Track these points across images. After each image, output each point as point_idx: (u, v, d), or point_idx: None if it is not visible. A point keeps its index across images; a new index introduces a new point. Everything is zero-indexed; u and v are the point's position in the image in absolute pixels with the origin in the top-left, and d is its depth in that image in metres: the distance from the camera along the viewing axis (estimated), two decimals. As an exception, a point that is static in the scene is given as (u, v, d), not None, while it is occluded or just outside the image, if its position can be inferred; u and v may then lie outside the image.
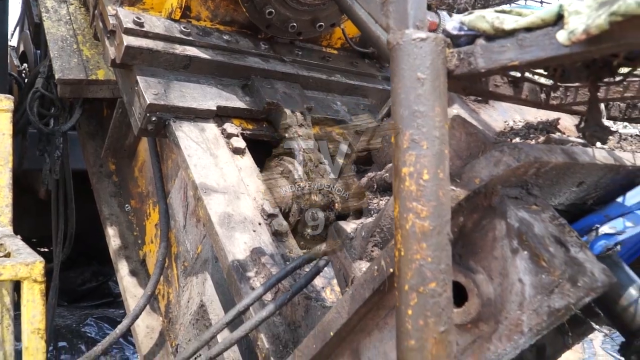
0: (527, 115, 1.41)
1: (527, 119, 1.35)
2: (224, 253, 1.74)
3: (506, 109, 1.39)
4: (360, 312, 1.11)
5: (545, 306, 0.88)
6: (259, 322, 1.45)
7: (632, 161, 1.22)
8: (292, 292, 1.48)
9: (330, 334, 1.15)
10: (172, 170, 2.36)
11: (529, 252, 0.88)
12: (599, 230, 1.16)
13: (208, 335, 1.49)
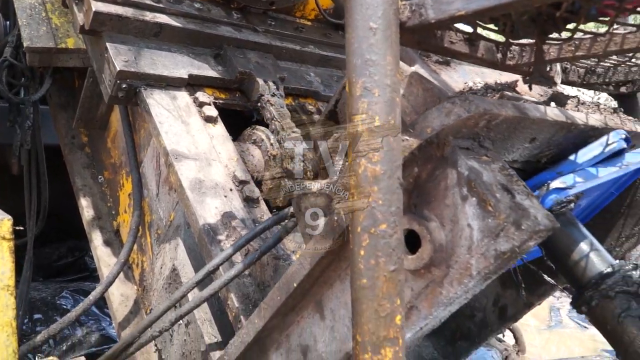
0: (489, 78, 1.46)
1: (487, 82, 1.40)
2: (195, 217, 1.77)
3: (467, 72, 1.43)
4: (322, 264, 1.15)
5: (492, 249, 0.93)
6: (228, 280, 1.49)
7: (585, 121, 1.28)
8: (261, 252, 1.52)
9: (294, 285, 1.19)
10: (144, 139, 2.36)
11: (477, 199, 0.93)
12: (550, 185, 1.21)
13: (178, 294, 1.53)
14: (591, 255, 1.35)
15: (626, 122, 1.50)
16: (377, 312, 0.84)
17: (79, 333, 3.09)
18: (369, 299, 0.85)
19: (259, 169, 2.24)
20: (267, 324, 1.30)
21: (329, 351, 1.23)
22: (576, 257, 1.36)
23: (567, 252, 1.38)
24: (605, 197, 1.58)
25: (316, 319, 1.26)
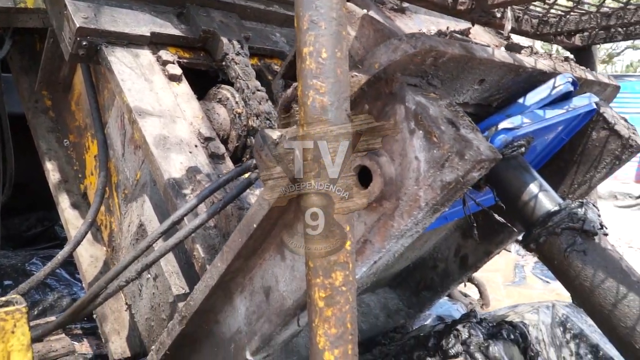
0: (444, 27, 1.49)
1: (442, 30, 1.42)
2: (160, 172, 1.78)
3: (423, 21, 1.46)
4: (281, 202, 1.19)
5: (438, 180, 0.98)
6: (192, 229, 1.52)
7: (533, 65, 1.32)
8: (224, 202, 1.55)
9: (254, 226, 1.23)
10: (108, 100, 2.34)
11: (423, 131, 0.97)
12: (498, 125, 1.26)
13: (144, 244, 1.55)
14: (540, 195, 1.42)
15: (576, 70, 1.56)
16: (327, 238, 0.88)
17: (50, 298, 3.10)
18: (319, 226, 0.89)
19: (224, 127, 2.24)
20: (229, 266, 1.33)
21: (289, 290, 1.28)
22: (526, 197, 1.43)
23: (517, 193, 1.44)
24: (556, 142, 1.64)
25: (277, 260, 1.31)
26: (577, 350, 1.85)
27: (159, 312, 1.84)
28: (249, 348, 1.42)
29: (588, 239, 1.33)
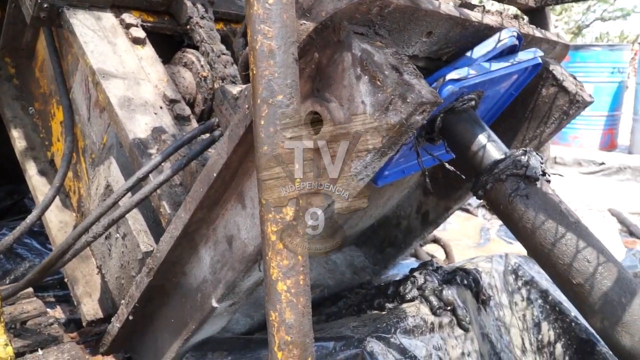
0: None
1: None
2: (125, 132, 1.81)
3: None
4: (239, 153, 1.24)
5: (384, 123, 1.04)
6: (157, 185, 1.56)
7: (480, 19, 1.39)
8: (188, 158, 1.59)
9: (214, 175, 1.28)
10: (72, 65, 2.33)
11: (368, 76, 1.03)
12: (446, 77, 1.32)
13: (110, 200, 1.59)
14: (488, 145, 1.50)
15: (524, 27, 1.63)
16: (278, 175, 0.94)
17: (21, 267, 3.11)
18: (270, 164, 0.94)
19: (190, 90, 2.27)
20: (192, 216, 1.39)
21: (250, 237, 1.34)
22: (475, 148, 1.51)
23: (467, 144, 1.52)
24: (506, 97, 1.72)
25: (238, 209, 1.36)
26: (528, 295, 1.97)
27: (129, 270, 1.89)
28: (214, 296, 1.49)
29: (530, 184, 1.42)
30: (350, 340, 1.44)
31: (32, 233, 3.71)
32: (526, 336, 1.90)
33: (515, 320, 1.91)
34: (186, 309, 1.61)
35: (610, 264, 1.33)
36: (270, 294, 0.99)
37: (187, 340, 1.65)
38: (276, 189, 0.94)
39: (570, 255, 1.34)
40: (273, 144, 0.93)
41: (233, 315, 1.68)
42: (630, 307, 1.29)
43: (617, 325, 1.29)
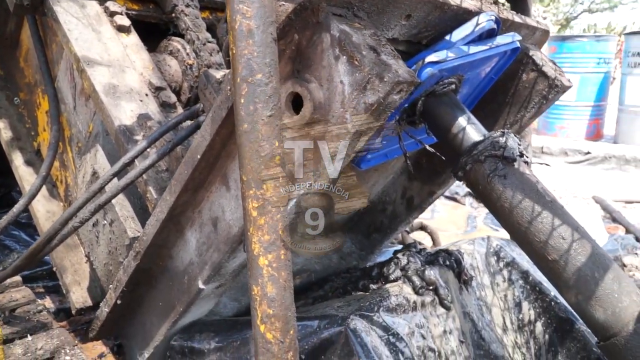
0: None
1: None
2: (111, 119, 1.82)
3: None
4: (222, 134, 1.26)
5: (362, 102, 1.07)
6: (143, 170, 1.58)
7: (458, 3, 1.41)
8: (174, 143, 1.61)
9: (198, 157, 1.30)
10: (57, 53, 2.33)
11: (346, 56, 1.05)
12: (425, 59, 1.35)
13: (96, 186, 1.60)
14: (468, 128, 1.53)
15: (503, 12, 1.66)
16: (258, 153, 0.97)
17: (9, 259, 3.12)
18: (250, 142, 0.97)
19: (176, 79, 2.28)
20: (178, 199, 1.41)
21: (235, 218, 1.37)
22: (455, 130, 1.54)
23: (448, 127, 1.55)
24: (486, 81, 1.75)
25: (223, 191, 1.39)
26: (509, 276, 2.02)
27: (117, 256, 1.91)
28: (200, 277, 1.51)
29: (508, 164, 1.45)
30: (334, 319, 1.48)
31: (20, 225, 3.72)
32: (507, 315, 1.95)
33: (497, 300, 1.96)
34: (173, 292, 1.63)
35: (584, 241, 1.37)
36: (252, 268, 1.02)
37: (175, 323, 1.67)
38: (257, 163, 0.96)
39: (546, 233, 1.38)
40: (253, 122, 0.96)
41: (220, 298, 1.71)
42: (603, 282, 1.33)
43: (590, 300, 1.34)
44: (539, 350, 1.94)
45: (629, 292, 1.33)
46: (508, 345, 1.88)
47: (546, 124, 8.48)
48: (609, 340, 1.31)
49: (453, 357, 1.62)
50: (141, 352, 1.84)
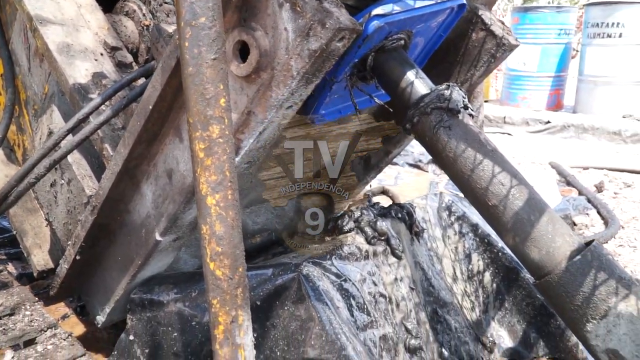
0: None
1: None
2: (65, 78, 1.81)
3: None
4: (172, 85, 1.29)
5: (305, 49, 1.11)
6: (97, 125, 1.59)
7: (404, -42, 1.45)
8: (128, 99, 1.62)
9: (149, 107, 1.32)
10: (10, 15, 2.29)
11: (289, 4, 1.09)
12: (371, 12, 1.39)
13: (51, 142, 1.61)
14: (415, 82, 1.59)
15: (451, -30, 1.70)
16: (203, 95, 1.01)
17: (-33, 228, 3.09)
18: (195, 85, 1.00)
19: (133, 40, 2.27)
20: (132, 151, 1.43)
21: (188, 168, 1.40)
22: (404, 84, 1.60)
23: (397, 81, 1.61)
24: (435, 39, 1.80)
25: (176, 143, 1.42)
26: (460, 230, 2.11)
27: (75, 215, 1.92)
28: (157, 230, 1.55)
29: (453, 116, 1.52)
30: (288, 266, 1.54)
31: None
32: (457, 266, 2.05)
33: (448, 252, 2.05)
34: (132, 246, 1.67)
35: (521, 187, 1.45)
36: (201, 208, 1.06)
37: (135, 277, 1.71)
38: (202, 105, 1.00)
39: (486, 180, 1.46)
40: (197, 65, 0.99)
41: (178, 251, 1.75)
42: (538, 224, 1.42)
43: (526, 241, 1.43)
44: (487, 298, 2.05)
45: (562, 233, 1.42)
46: (458, 294, 1.99)
47: (509, 94, 8.66)
48: (543, 279, 1.41)
49: (403, 303, 1.71)
50: (102, 308, 1.88)
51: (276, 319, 1.50)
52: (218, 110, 1.02)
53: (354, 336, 1.44)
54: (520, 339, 1.99)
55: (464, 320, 1.92)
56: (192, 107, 1.01)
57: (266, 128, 1.27)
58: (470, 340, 1.89)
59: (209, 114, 1.02)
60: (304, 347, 1.41)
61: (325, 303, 1.43)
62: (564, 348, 1.97)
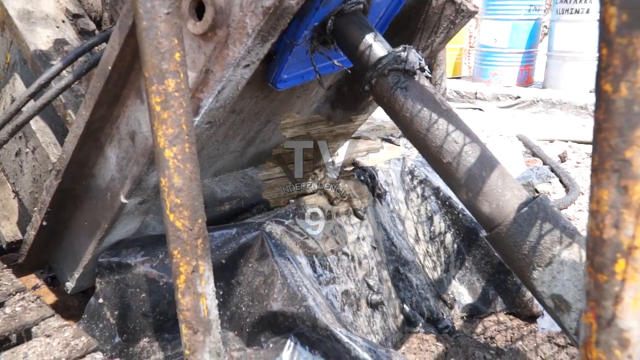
0: None
1: None
2: (26, 44, 1.81)
3: None
4: (131, 44, 1.31)
5: (259, 6, 1.14)
6: (59, 90, 1.59)
7: None
8: (90, 64, 1.62)
9: (109, 68, 1.34)
10: (-32, -17, 2.25)
11: (242, -39, 1.11)
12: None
13: (13, 107, 1.61)
14: (374, 44, 1.63)
15: None
16: (158, 49, 1.03)
17: None
18: (150, 39, 1.03)
19: (96, 8, 2.25)
20: (93, 113, 1.45)
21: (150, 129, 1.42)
22: (362, 47, 1.64)
23: (356, 44, 1.65)
24: (394, 5, 1.84)
25: (138, 104, 1.44)
26: (422, 193, 2.18)
27: (41, 183, 1.93)
28: (122, 192, 1.57)
29: (409, 77, 1.57)
30: (251, 225, 1.58)
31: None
32: (420, 228, 2.12)
33: (411, 214, 2.12)
34: (98, 210, 1.69)
35: (474, 144, 1.52)
36: (159, 161, 1.09)
37: (102, 241, 1.74)
38: (157, 59, 1.02)
39: (441, 138, 1.52)
40: (151, 19, 1.01)
41: (145, 216, 1.78)
42: (489, 179, 1.49)
43: (478, 196, 1.50)
44: (448, 258, 2.13)
45: (511, 187, 1.49)
46: (420, 254, 2.06)
47: (480, 71, 8.77)
48: (493, 231, 1.48)
49: (366, 261, 1.77)
50: (71, 274, 1.90)
51: (241, 276, 1.55)
52: (173, 65, 1.05)
53: (316, 290, 1.50)
54: (479, 295, 2.08)
55: (425, 278, 2.00)
56: (147, 61, 1.04)
57: (225, 87, 1.30)
58: (431, 297, 1.97)
59: (164, 67, 1.04)
60: (268, 301, 1.46)
61: (287, 258, 1.48)
62: (520, 303, 2.06)
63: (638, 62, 0.62)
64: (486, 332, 1.96)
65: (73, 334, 1.50)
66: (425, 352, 1.73)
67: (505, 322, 2.00)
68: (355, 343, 1.32)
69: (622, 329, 0.71)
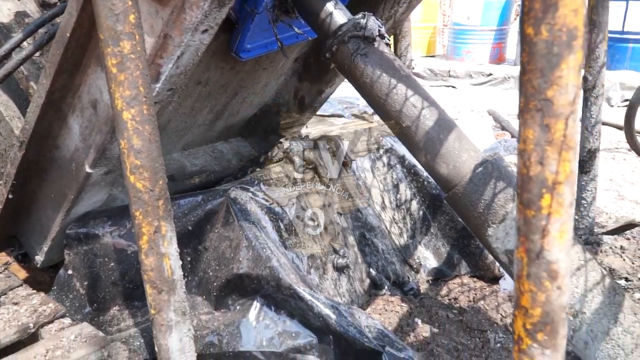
0: None
1: None
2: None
3: None
4: (89, 11, 1.30)
5: (214, -31, 1.16)
6: (20, 60, 1.59)
7: None
8: (50, 35, 1.62)
9: (67, 35, 1.34)
10: None
11: None
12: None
13: (-28, 80, 1.60)
14: (334, 12, 1.65)
15: None
16: (112, 10, 1.04)
17: None
18: (103, 0, 1.04)
19: (58, -19, 2.23)
20: (54, 82, 1.45)
21: (111, 95, 1.43)
22: (323, 15, 1.66)
23: (317, 12, 1.67)
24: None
25: (99, 73, 1.44)
26: (388, 161, 2.23)
27: (6, 158, 1.92)
28: (87, 162, 1.58)
29: (369, 44, 1.60)
30: (216, 191, 1.61)
31: None
32: (386, 196, 2.17)
33: (377, 183, 2.17)
34: (63, 181, 1.70)
35: (432, 108, 1.56)
36: (118, 123, 1.11)
37: (69, 212, 1.75)
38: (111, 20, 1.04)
39: (400, 103, 1.56)
40: (105, -22, 1.02)
41: (112, 187, 1.79)
42: (446, 142, 1.54)
43: (436, 158, 1.55)
44: (414, 224, 2.19)
45: (467, 149, 1.54)
46: (386, 220, 2.11)
47: (454, 49, 8.83)
48: (451, 191, 1.54)
49: (331, 226, 1.81)
50: (40, 247, 1.91)
51: (207, 241, 1.58)
52: (128, 26, 1.06)
53: (282, 254, 1.54)
54: (444, 259, 2.14)
55: (391, 244, 2.06)
56: (102, 23, 1.05)
57: (184, 52, 1.31)
58: (397, 261, 2.03)
59: (119, 29, 1.06)
60: (233, 264, 1.50)
61: (252, 222, 1.51)
62: (483, 266, 2.14)
63: (557, 5, 0.66)
64: (450, 293, 2.03)
65: (41, 301, 1.52)
66: (390, 313, 1.79)
67: (468, 283, 2.08)
68: (318, 300, 1.37)
69: (550, 260, 0.75)
